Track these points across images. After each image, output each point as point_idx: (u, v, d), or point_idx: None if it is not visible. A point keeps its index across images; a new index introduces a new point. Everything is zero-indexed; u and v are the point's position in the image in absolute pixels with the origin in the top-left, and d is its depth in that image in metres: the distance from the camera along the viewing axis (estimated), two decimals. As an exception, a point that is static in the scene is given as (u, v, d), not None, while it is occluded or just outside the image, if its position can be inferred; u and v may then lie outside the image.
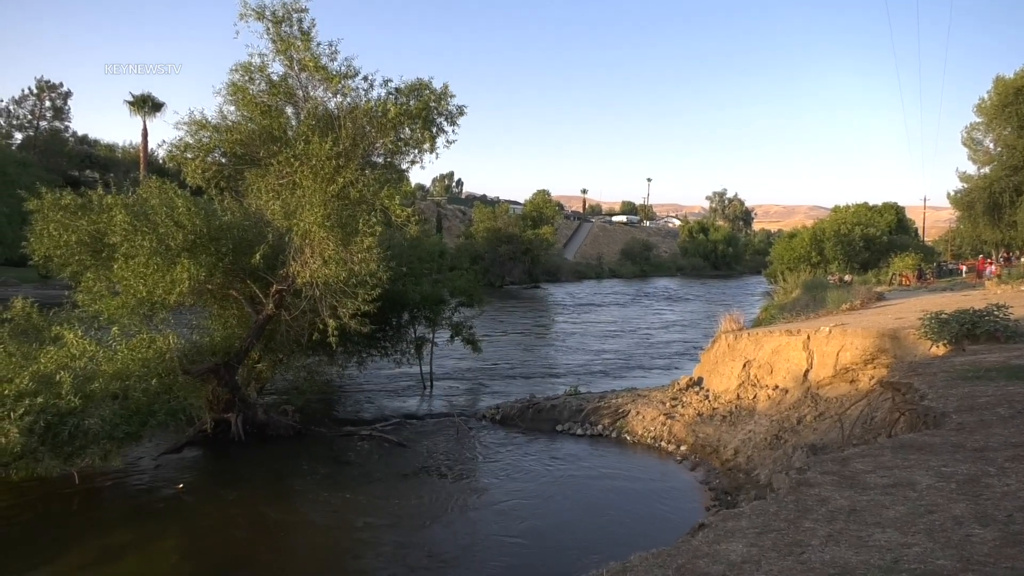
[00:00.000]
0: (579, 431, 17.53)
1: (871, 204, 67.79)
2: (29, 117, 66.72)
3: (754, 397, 16.63)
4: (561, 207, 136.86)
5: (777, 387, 16.35)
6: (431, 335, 22.25)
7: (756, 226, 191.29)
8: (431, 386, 22.45)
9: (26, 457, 11.04)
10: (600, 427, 17.52)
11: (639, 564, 4.04)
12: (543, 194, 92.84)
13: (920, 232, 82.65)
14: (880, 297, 27.30)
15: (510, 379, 24.60)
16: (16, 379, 11.40)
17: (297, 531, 12.04)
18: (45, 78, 66.50)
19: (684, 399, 17.93)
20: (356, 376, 22.09)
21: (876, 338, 14.71)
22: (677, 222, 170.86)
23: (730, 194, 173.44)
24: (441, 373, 23.90)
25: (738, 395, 17.05)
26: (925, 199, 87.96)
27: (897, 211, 67.67)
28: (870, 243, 60.47)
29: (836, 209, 68.27)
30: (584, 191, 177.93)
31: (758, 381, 16.95)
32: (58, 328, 13.23)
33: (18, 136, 66.40)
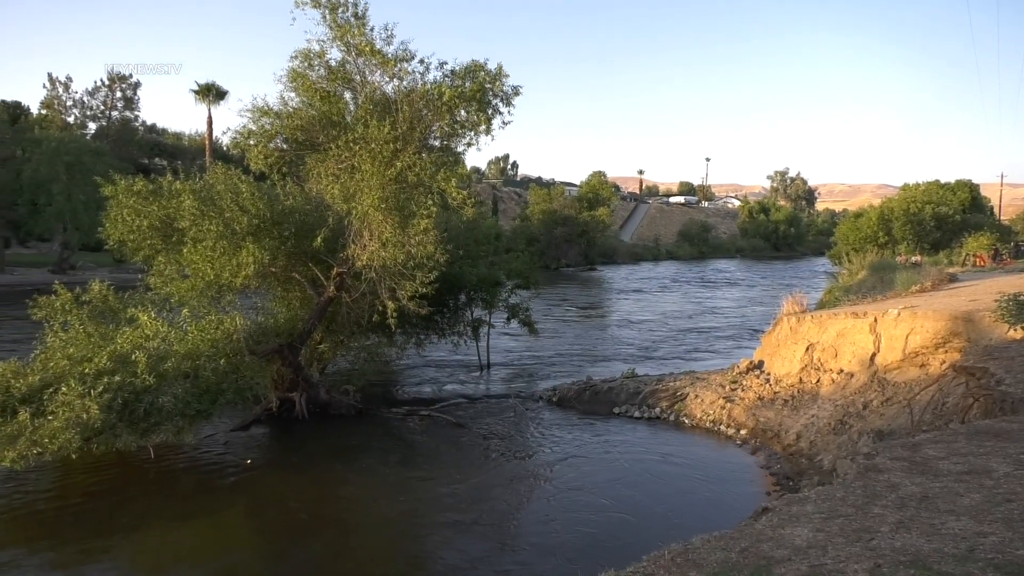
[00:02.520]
0: (636, 414, 17.43)
1: (943, 182, 64.98)
2: (102, 108, 69.38)
3: (817, 381, 16.23)
4: (617, 188, 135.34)
5: (842, 371, 15.91)
6: (488, 317, 22.39)
7: (820, 206, 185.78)
8: (488, 367, 22.63)
9: (106, 432, 11.58)
10: (658, 410, 17.39)
11: (701, 546, 4.01)
12: (599, 175, 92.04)
13: (996, 211, 78.91)
14: (952, 279, 26.19)
15: (566, 361, 24.58)
16: (95, 358, 11.97)
17: (358, 506, 12.36)
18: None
19: (744, 383, 17.63)
20: (414, 357, 22.42)
21: (948, 321, 14.15)
22: (737, 202, 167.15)
23: (792, 173, 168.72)
24: (498, 355, 24.05)
25: (800, 379, 16.66)
26: (1002, 176, 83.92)
27: (971, 189, 64.69)
28: (942, 222, 58.05)
29: (905, 187, 65.68)
30: (641, 172, 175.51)
31: (822, 365, 16.53)
32: (133, 310, 13.82)
33: (92, 126, 69.17)
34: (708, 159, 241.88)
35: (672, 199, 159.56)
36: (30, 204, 49.11)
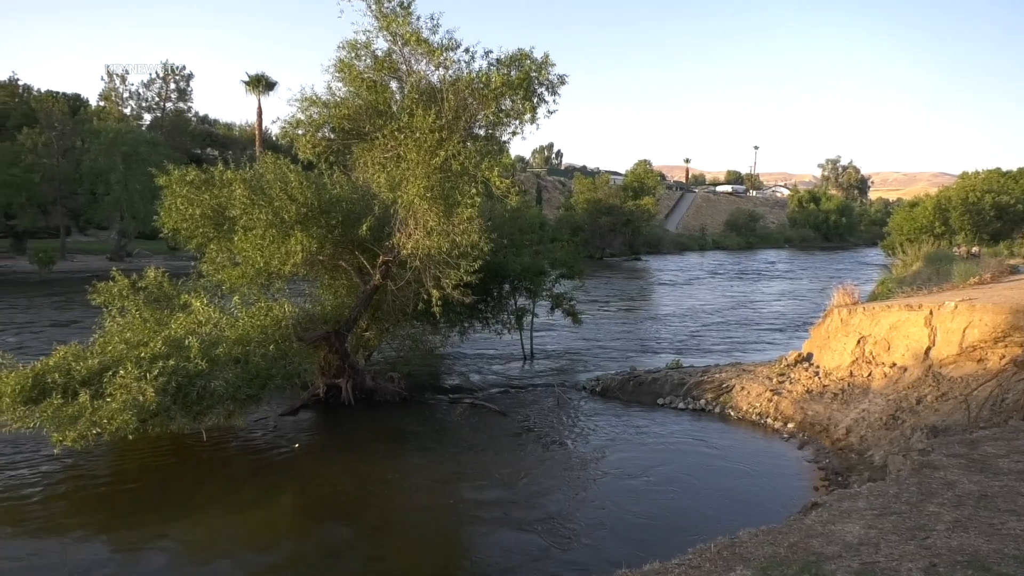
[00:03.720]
0: (681, 405, 17.26)
1: (1004, 170, 62.42)
2: (156, 99, 71.30)
3: (869, 375, 15.83)
4: (663, 177, 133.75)
5: (894, 365, 15.48)
6: (531, 306, 22.39)
7: (872, 195, 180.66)
8: (531, 356, 22.65)
9: (161, 415, 11.96)
10: (703, 402, 17.19)
11: (748, 540, 3.94)
12: (644, 164, 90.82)
13: (1062, 199, 75.44)
14: (1014, 270, 25.23)
15: (609, 351, 24.46)
16: (151, 343, 12.35)
17: (402, 493, 12.52)
18: (170, 62, 70.61)
19: (792, 375, 17.29)
20: (458, 346, 22.57)
21: (1009, 314, 13.63)
22: (786, 191, 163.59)
23: (844, 161, 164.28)
24: (541, 344, 24.06)
25: (851, 372, 16.27)
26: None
27: (1035, 176, 61.99)
28: (1002, 212, 55.82)
29: (964, 176, 63.25)
30: (687, 160, 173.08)
31: (873, 358, 16.10)
32: (186, 296, 14.21)
33: (147, 117, 71.14)
34: (756, 147, 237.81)
35: (719, 188, 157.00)
36: (89, 193, 50.82)
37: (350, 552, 10.13)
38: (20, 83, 69.85)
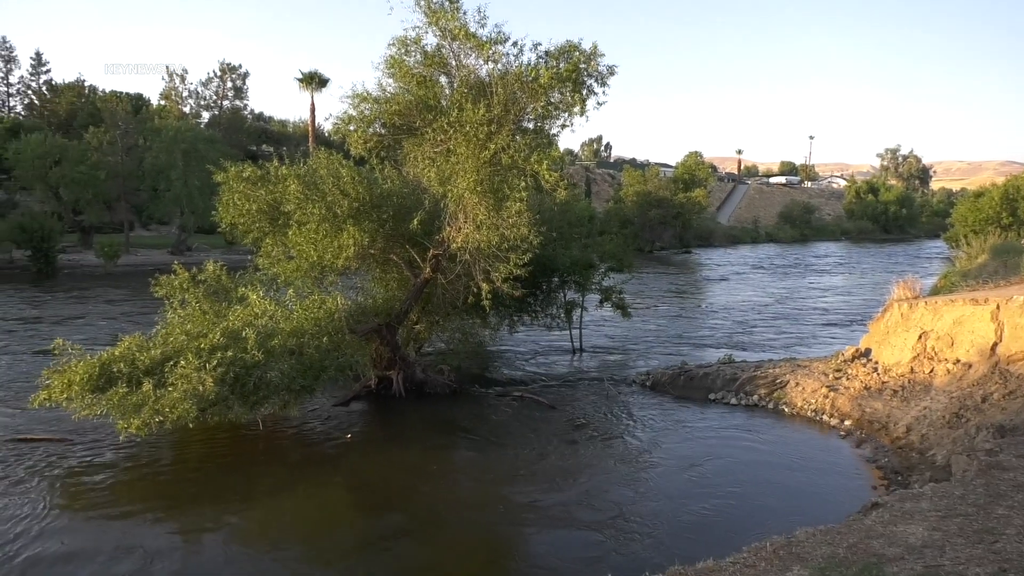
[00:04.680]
0: (733, 400, 16.98)
1: (1079, 157, 59.40)
2: (214, 97, 73.24)
3: (930, 371, 15.31)
4: (714, 169, 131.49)
5: (958, 361, 14.94)
6: (580, 300, 22.30)
7: (934, 185, 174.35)
8: (580, 350, 22.57)
9: (219, 404, 12.31)
10: (756, 397, 16.88)
11: (805, 540, 3.85)
12: (695, 156, 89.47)
13: None
14: (1088, 263, 23.99)
15: (659, 345, 24.21)
16: (210, 334, 12.70)
17: (452, 484, 12.64)
18: (227, 61, 72.42)
19: (849, 371, 16.84)
20: (507, 339, 22.62)
21: (1084, 309, 13.00)
22: (842, 182, 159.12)
23: (904, 150, 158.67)
24: (590, 338, 23.95)
25: (911, 368, 15.76)
26: None
27: (1113, 164, 58.83)
28: (1076, 202, 53.12)
29: (1034, 164, 60.40)
30: (739, 152, 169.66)
31: (936, 354, 15.57)
32: (243, 289, 14.57)
33: (205, 115, 73.13)
34: (812, 137, 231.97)
35: (772, 179, 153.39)
36: (151, 190, 52.55)
37: (399, 543, 10.27)
38: (86, 84, 72.59)
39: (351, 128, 16.49)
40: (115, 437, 12.58)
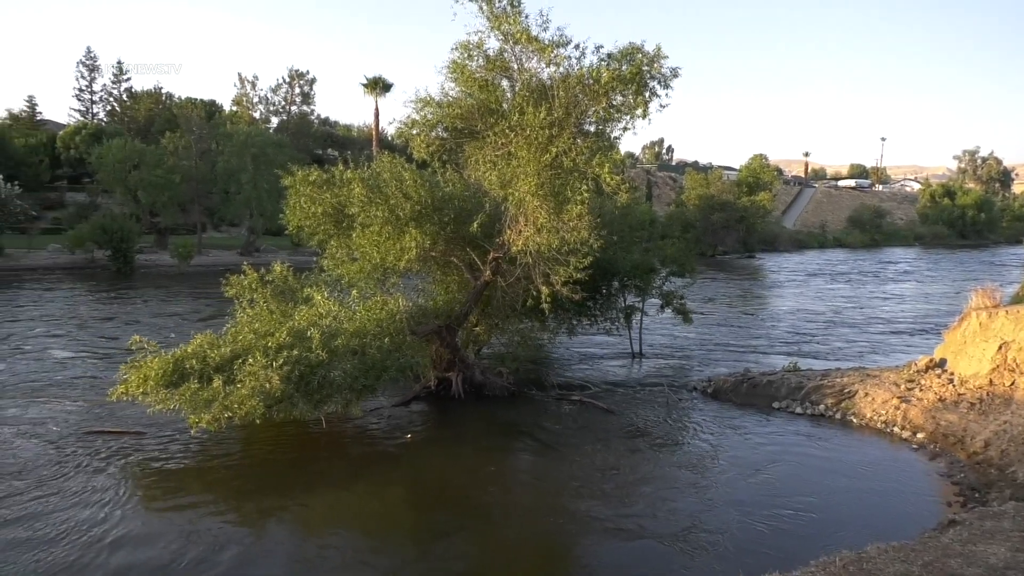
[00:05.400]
0: (798, 410, 16.51)
1: None
2: (283, 103, 75.45)
3: (1012, 384, 14.56)
4: (780, 172, 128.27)
5: (1043, 374, 14.16)
6: (641, 304, 22.06)
7: (1017, 188, 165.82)
8: (640, 355, 22.33)
9: (285, 401, 12.64)
10: (822, 407, 16.37)
11: (877, 556, 3.70)
12: (760, 159, 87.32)
13: None
14: None
15: (721, 351, 23.75)
16: (277, 333, 13.07)
17: (509, 487, 12.67)
18: (295, 68, 74.54)
19: (922, 382, 16.17)
20: (566, 342, 22.55)
21: None
22: (916, 185, 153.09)
23: (984, 152, 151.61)
24: (650, 343, 23.67)
25: (991, 380, 15.03)
26: None
27: None
28: None
29: None
30: (806, 154, 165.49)
31: (1017, 366, 14.81)
32: (308, 290, 14.94)
33: (274, 120, 75.38)
34: (883, 139, 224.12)
35: (841, 182, 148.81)
36: (223, 193, 54.44)
37: (455, 545, 10.34)
38: (163, 91, 75.70)
39: (414, 132, 16.71)
40: (187, 431, 13.05)
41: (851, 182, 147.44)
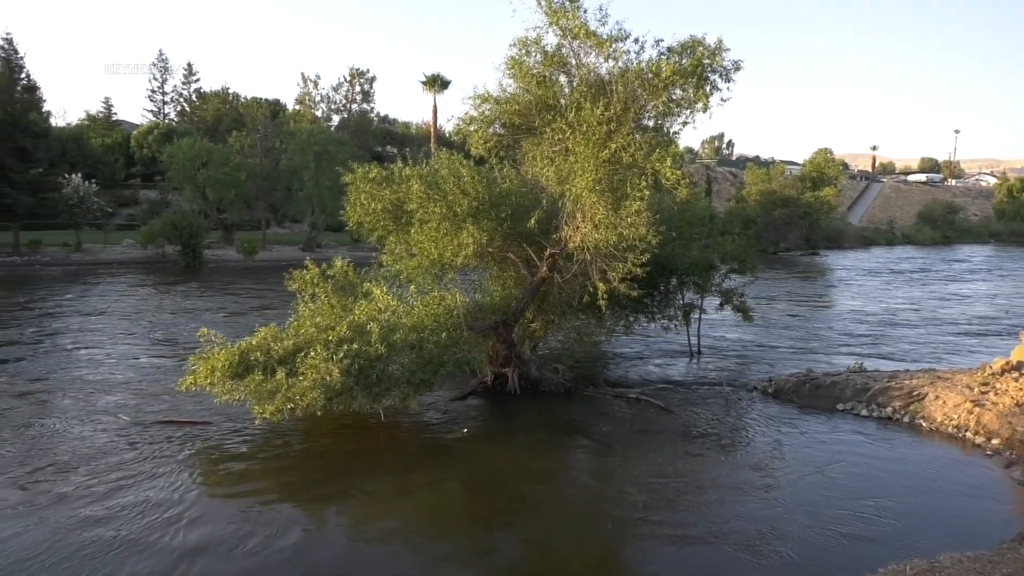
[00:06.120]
0: (864, 412, 15.99)
1: None
2: (343, 102, 76.90)
3: (1098, 389, 13.80)
4: (846, 166, 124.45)
5: None
6: (699, 302, 21.73)
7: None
8: (698, 353, 22.00)
9: (344, 394, 12.90)
10: (889, 410, 15.81)
11: (951, 566, 3.55)
12: (824, 153, 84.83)
13: None
14: None
15: (782, 351, 23.20)
16: (337, 327, 13.34)
17: (564, 485, 12.64)
18: (356, 66, 75.92)
19: (998, 385, 15.46)
20: (623, 339, 22.37)
21: None
22: (992, 180, 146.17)
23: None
24: (709, 341, 23.29)
25: (1075, 385, 14.26)
26: None
27: None
28: None
29: None
30: (874, 148, 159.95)
31: (1104, 370, 14.02)
32: (368, 285, 15.20)
33: (335, 118, 76.90)
34: (957, 131, 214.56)
35: (911, 177, 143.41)
36: (286, 190, 55.83)
37: (507, 541, 10.40)
38: (230, 92, 78.05)
39: (472, 128, 16.82)
40: (251, 421, 13.45)
41: (922, 176, 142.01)
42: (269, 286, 36.09)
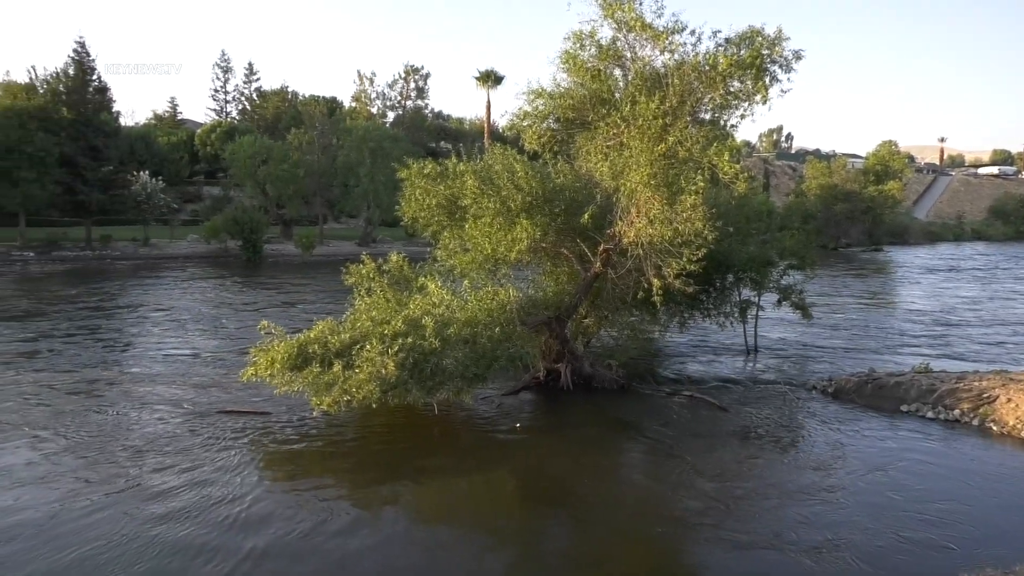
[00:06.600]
0: (930, 414, 15.43)
1: None
2: (398, 98, 77.84)
3: None
4: (911, 159, 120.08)
5: None
6: (757, 298, 21.29)
7: None
8: (755, 352, 21.57)
9: (399, 387, 13.07)
10: (957, 412, 15.22)
11: (1025, 575, 3.39)
12: (889, 145, 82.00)
13: None
14: None
15: (842, 350, 22.55)
16: (392, 321, 13.53)
17: (615, 483, 12.56)
18: (410, 63, 76.78)
19: (1077, 388, 14.72)
20: (677, 336, 22.09)
21: None
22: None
23: None
24: (766, 338, 22.81)
25: None
26: None
27: None
28: None
29: None
30: (942, 139, 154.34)
31: None
32: (423, 279, 15.37)
33: (390, 115, 77.92)
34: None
35: (981, 170, 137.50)
36: (342, 186, 56.92)
37: (558, 536, 10.39)
38: (289, 90, 79.80)
39: (525, 123, 16.83)
40: (308, 412, 13.76)
41: (993, 169, 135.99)
42: (326, 280, 36.84)
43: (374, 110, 77.73)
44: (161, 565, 8.92)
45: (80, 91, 51.48)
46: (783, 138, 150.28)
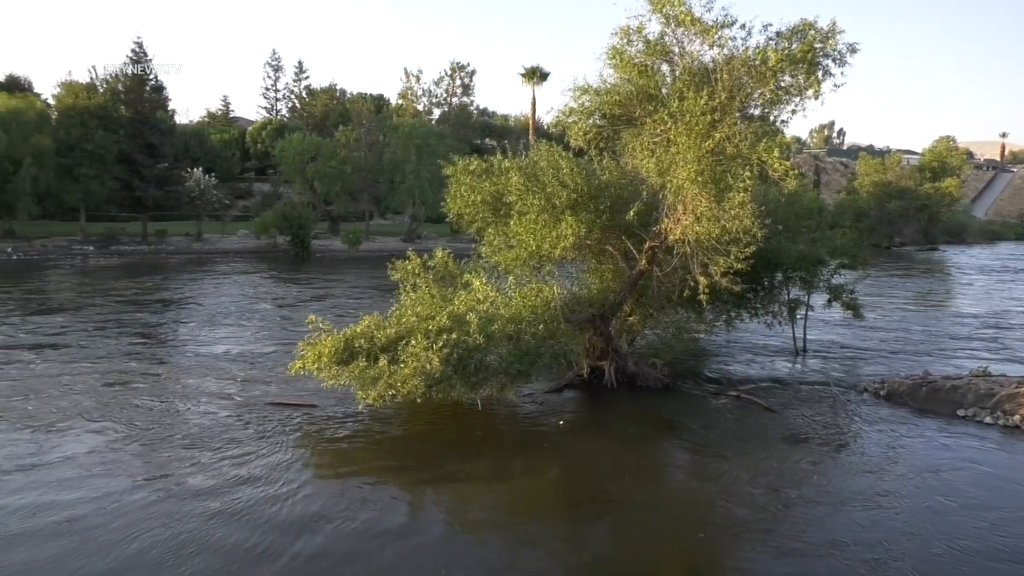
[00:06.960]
0: (988, 419, 14.91)
1: None
2: (444, 95, 78.31)
3: None
4: (970, 155, 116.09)
5: None
6: (806, 298, 20.85)
7: None
8: (804, 352, 21.13)
9: (443, 383, 13.18)
10: (1017, 418, 14.67)
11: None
12: (946, 141, 79.41)
13: None
14: None
15: (895, 351, 21.95)
16: (437, 317, 13.65)
17: (659, 483, 12.46)
18: (457, 60, 77.26)
19: None
20: (724, 335, 21.78)
21: None
22: None
23: None
24: (815, 338, 22.33)
25: None
26: None
27: None
28: None
29: None
30: (1003, 135, 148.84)
31: None
32: (467, 276, 15.45)
33: (436, 112, 78.46)
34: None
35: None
36: (388, 182, 57.57)
37: (597, 535, 10.33)
38: (337, 88, 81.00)
39: (571, 120, 16.74)
40: (354, 405, 13.96)
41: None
42: (372, 276, 37.31)
43: (420, 107, 78.35)
44: (214, 564, 8.97)
45: (137, 90, 53.06)
46: (835, 134, 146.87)
